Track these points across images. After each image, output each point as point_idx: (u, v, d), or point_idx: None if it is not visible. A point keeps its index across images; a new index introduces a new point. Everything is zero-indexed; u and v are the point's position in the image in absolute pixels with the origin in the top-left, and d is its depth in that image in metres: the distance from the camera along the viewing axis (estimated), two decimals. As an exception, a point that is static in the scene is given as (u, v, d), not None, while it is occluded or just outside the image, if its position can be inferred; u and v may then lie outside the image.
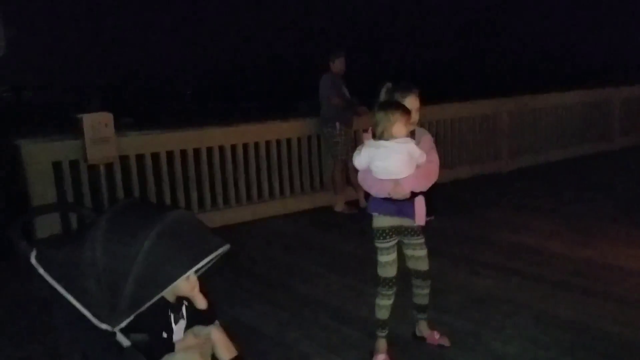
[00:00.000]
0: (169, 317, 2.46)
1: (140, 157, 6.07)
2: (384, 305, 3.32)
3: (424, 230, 3.36)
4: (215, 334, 2.54)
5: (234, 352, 2.56)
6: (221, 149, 6.57)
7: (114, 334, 2.28)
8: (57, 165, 5.63)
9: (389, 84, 3.30)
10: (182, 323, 2.50)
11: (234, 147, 6.66)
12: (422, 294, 3.46)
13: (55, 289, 2.32)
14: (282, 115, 8.03)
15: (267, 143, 6.90)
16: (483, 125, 8.85)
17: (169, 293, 2.42)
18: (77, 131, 5.61)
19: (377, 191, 3.19)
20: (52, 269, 2.33)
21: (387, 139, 3.06)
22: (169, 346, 2.41)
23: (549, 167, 9.10)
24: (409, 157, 3.06)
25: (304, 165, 7.21)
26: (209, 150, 6.49)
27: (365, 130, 3.32)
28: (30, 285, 3.55)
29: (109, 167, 5.84)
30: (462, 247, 5.33)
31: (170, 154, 6.23)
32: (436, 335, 3.55)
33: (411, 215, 3.18)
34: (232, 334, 3.53)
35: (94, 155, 5.58)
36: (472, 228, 6.04)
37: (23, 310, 4.23)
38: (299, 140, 7.12)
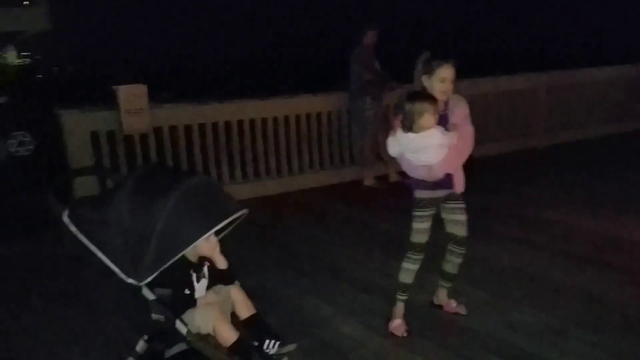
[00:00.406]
0: (191, 275, 2.60)
1: (173, 129, 6.26)
2: (409, 268, 3.40)
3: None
4: (235, 293, 2.67)
5: (252, 310, 2.68)
6: (252, 122, 6.70)
7: (140, 288, 2.44)
8: (95, 136, 5.88)
9: (427, 53, 3.30)
10: (204, 282, 2.64)
11: (264, 121, 6.77)
12: (454, 261, 3.49)
13: (86, 246, 2.50)
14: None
15: (297, 117, 6.98)
16: (520, 101, 8.71)
17: (191, 253, 2.56)
18: (113, 103, 5.82)
19: (413, 175, 3.28)
20: (82, 227, 2.49)
21: (415, 131, 3.11)
22: (191, 302, 2.55)
23: (586, 144, 8.90)
24: (438, 147, 3.11)
25: (334, 139, 7.28)
26: (240, 123, 6.63)
27: (397, 116, 3.33)
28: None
29: (144, 138, 6.04)
30: (490, 221, 5.34)
31: (202, 126, 6.40)
32: (453, 304, 3.63)
33: (450, 186, 3.27)
34: (255, 297, 3.72)
35: (129, 126, 5.79)
36: (502, 202, 6.04)
37: (58, 272, 4.50)
38: (329, 114, 7.18)
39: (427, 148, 3.12)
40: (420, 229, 3.33)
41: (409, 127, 3.13)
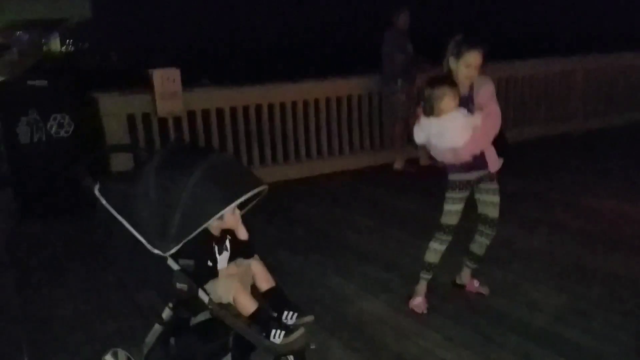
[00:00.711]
0: (214, 248, 2.71)
1: (206, 113, 6.40)
2: (436, 248, 3.44)
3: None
4: (255, 266, 2.77)
5: (272, 283, 2.77)
6: (282, 105, 6.78)
7: (166, 259, 2.56)
8: (131, 118, 6.07)
9: (458, 37, 3.31)
10: (226, 254, 2.75)
11: (295, 104, 6.85)
12: (482, 243, 3.51)
13: (116, 218, 2.63)
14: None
15: (328, 100, 7.03)
16: (556, 84, 8.53)
17: (213, 227, 2.67)
18: (148, 86, 6.00)
19: (442, 159, 3.31)
20: (112, 200, 2.63)
21: (436, 116, 3.12)
22: (213, 273, 2.66)
23: (623, 130, 8.65)
24: (461, 129, 3.11)
25: (364, 123, 7.30)
26: (271, 106, 6.72)
27: (418, 104, 3.37)
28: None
29: (178, 121, 6.21)
30: (521, 205, 5.31)
31: (233, 110, 6.52)
32: (476, 284, 3.65)
33: (484, 166, 3.28)
34: (280, 275, 3.83)
35: (163, 109, 5.95)
36: (535, 186, 5.99)
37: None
38: (359, 97, 7.20)
39: (450, 131, 3.13)
40: (452, 210, 3.36)
41: (429, 112, 3.15)
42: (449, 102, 3.10)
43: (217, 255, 2.71)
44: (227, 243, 2.75)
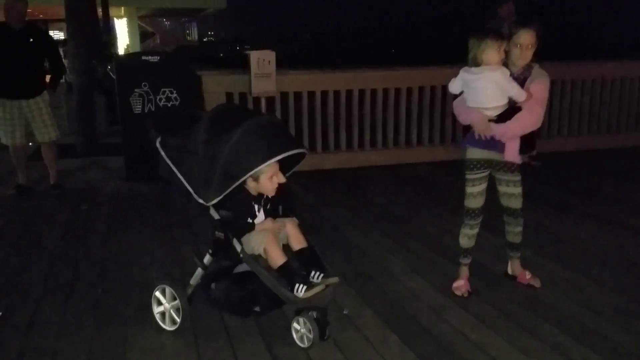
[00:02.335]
0: (253, 206, 2.93)
1: (298, 95, 6.70)
2: (466, 234, 3.43)
3: (522, 169, 3.33)
4: (290, 226, 2.95)
5: (304, 244, 2.94)
6: (373, 92, 6.88)
7: (208, 208, 2.83)
8: (229, 96, 6.54)
9: (513, 18, 3.26)
10: (262, 213, 2.96)
11: (386, 91, 6.92)
12: (513, 231, 3.45)
13: (172, 170, 2.96)
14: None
15: (421, 89, 7.01)
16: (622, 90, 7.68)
17: (251, 188, 2.89)
18: (245, 66, 6.42)
19: (464, 119, 3.25)
20: (169, 152, 2.96)
21: (477, 66, 3.04)
22: (250, 227, 2.89)
23: None
24: (495, 86, 3.02)
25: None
26: (362, 92, 6.85)
27: None
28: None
29: (270, 100, 6.56)
30: (592, 203, 5.10)
31: (324, 94, 6.74)
32: (527, 275, 3.54)
33: (500, 149, 3.17)
34: (335, 248, 4.02)
35: (257, 88, 6.34)
36: (606, 187, 5.66)
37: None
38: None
39: (484, 83, 3.02)
40: (474, 192, 3.30)
41: (471, 61, 3.06)
42: (493, 54, 2.99)
43: (256, 212, 2.94)
44: (263, 202, 2.96)
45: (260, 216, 2.96)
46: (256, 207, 2.95)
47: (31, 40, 5.61)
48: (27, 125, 5.71)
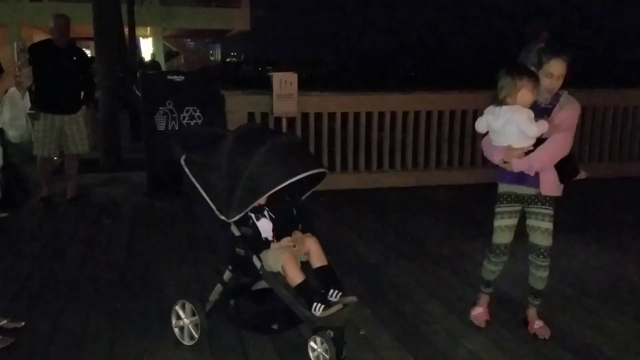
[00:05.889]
0: (250, 217, 2.95)
1: (318, 116, 6.77)
2: (489, 269, 3.31)
3: (558, 201, 3.16)
4: (311, 244, 2.97)
5: (324, 262, 2.96)
6: (393, 114, 6.93)
7: (229, 224, 2.88)
8: (251, 115, 6.64)
9: (541, 44, 3.19)
10: (264, 221, 2.99)
11: (406, 114, 6.96)
12: (536, 275, 3.18)
13: (195, 185, 3.02)
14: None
15: (440, 113, 7.04)
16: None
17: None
18: (268, 87, 6.53)
19: (491, 158, 3.13)
20: (193, 169, 3.02)
21: (507, 104, 2.91)
22: (267, 244, 2.93)
23: None
24: (518, 130, 2.90)
25: (478, 139, 7.16)
26: (382, 114, 6.90)
27: None
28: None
29: (291, 121, 6.65)
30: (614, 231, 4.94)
31: (345, 115, 6.81)
32: (536, 325, 3.22)
33: (531, 182, 3.05)
34: (353, 268, 4.02)
35: (279, 109, 6.43)
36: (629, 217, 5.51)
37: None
38: (474, 112, 7.09)
39: (511, 127, 2.88)
40: (501, 226, 3.16)
41: (501, 100, 2.93)
42: (527, 94, 2.88)
43: (255, 221, 2.96)
44: (266, 212, 2.99)
45: (262, 224, 2.98)
46: (254, 216, 2.97)
47: (74, 58, 5.88)
48: (59, 139, 5.89)
